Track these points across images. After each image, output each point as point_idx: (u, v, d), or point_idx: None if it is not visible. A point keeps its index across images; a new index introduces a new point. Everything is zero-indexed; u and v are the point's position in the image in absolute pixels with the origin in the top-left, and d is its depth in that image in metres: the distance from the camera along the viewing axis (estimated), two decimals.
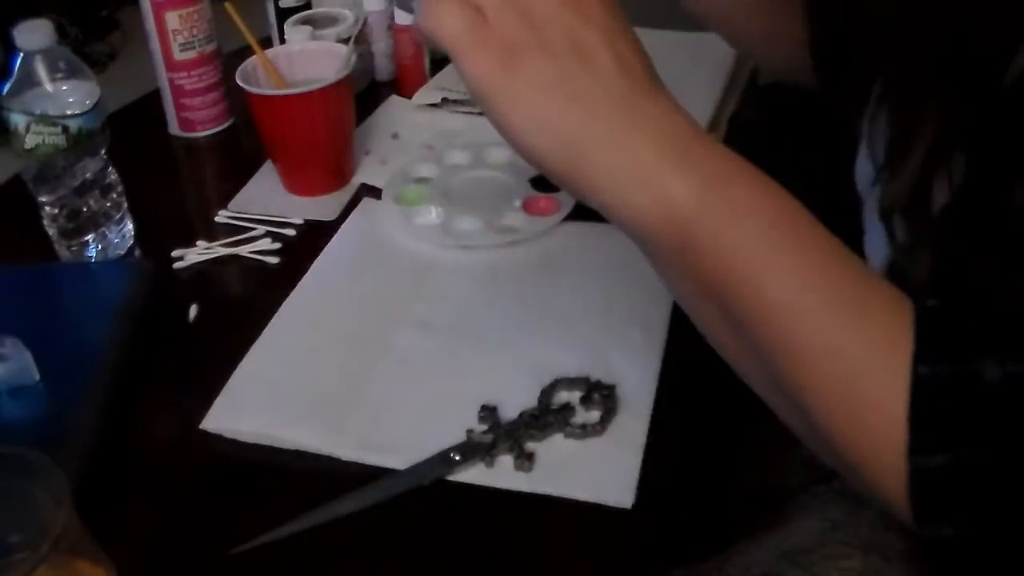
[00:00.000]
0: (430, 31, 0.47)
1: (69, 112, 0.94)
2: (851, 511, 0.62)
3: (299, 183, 0.92)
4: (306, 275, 0.81)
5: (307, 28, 1.01)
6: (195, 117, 1.03)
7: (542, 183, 0.87)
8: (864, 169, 0.61)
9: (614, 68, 0.46)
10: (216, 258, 0.85)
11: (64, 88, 0.95)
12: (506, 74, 0.46)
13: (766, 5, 0.76)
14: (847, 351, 0.43)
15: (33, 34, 0.92)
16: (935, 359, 0.42)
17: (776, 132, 0.95)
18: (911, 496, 0.42)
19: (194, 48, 1.00)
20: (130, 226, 0.86)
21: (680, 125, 0.47)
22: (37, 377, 0.68)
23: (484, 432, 0.65)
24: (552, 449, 0.64)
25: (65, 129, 0.93)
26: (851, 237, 0.61)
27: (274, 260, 0.84)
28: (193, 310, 0.79)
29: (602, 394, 0.67)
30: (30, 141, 0.93)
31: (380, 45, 1.10)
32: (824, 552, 0.61)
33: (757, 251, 0.45)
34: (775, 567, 0.61)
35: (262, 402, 0.69)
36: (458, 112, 1.03)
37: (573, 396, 0.68)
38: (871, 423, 0.43)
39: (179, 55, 1.00)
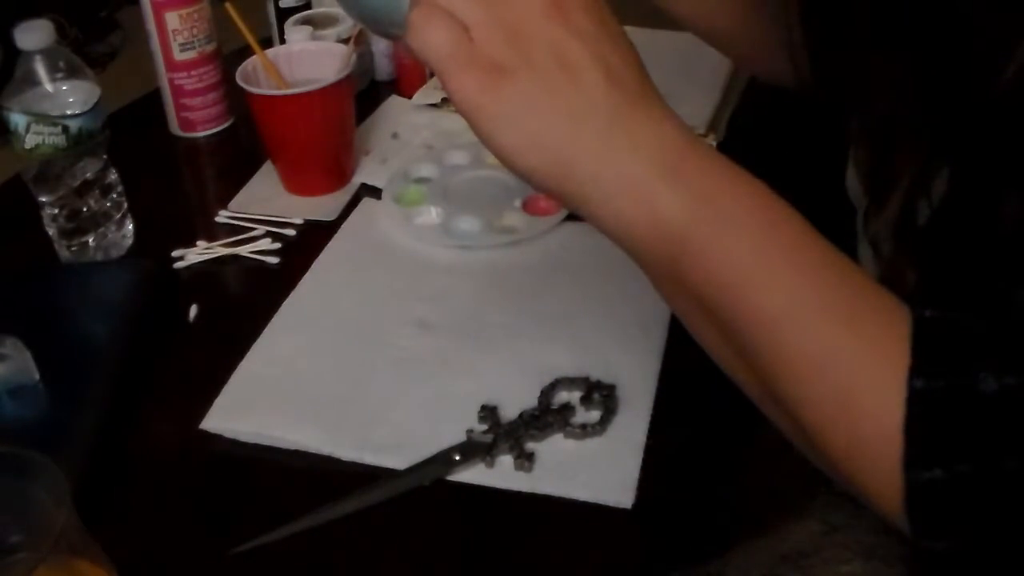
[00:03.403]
0: (417, 50, 0.46)
1: (69, 112, 0.94)
2: (851, 515, 0.62)
3: (299, 183, 0.92)
4: (306, 275, 0.81)
5: (307, 28, 1.01)
6: (195, 117, 1.03)
7: None
8: (854, 183, 0.61)
9: (602, 81, 0.45)
10: (216, 258, 0.85)
11: (64, 88, 0.95)
12: (492, 95, 0.45)
13: (750, 12, 0.76)
14: (840, 363, 0.43)
15: (33, 34, 0.92)
16: (931, 372, 0.41)
17: (775, 133, 0.95)
18: (908, 510, 0.42)
19: (194, 48, 1.00)
20: (130, 226, 0.86)
21: (672, 136, 0.46)
22: (37, 377, 0.68)
23: (484, 432, 0.65)
24: (552, 449, 0.64)
25: (65, 129, 0.94)
26: (849, 238, 0.61)
27: (274, 260, 0.84)
28: (193, 310, 0.79)
29: (602, 394, 0.67)
30: (30, 141, 0.93)
31: (380, 45, 1.10)
32: (824, 556, 0.61)
33: (748, 264, 0.45)
34: (774, 570, 0.61)
35: (262, 402, 0.69)
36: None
37: (573, 396, 0.68)
38: (866, 436, 0.42)
39: (179, 55, 1.00)
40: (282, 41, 1.05)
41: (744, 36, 0.78)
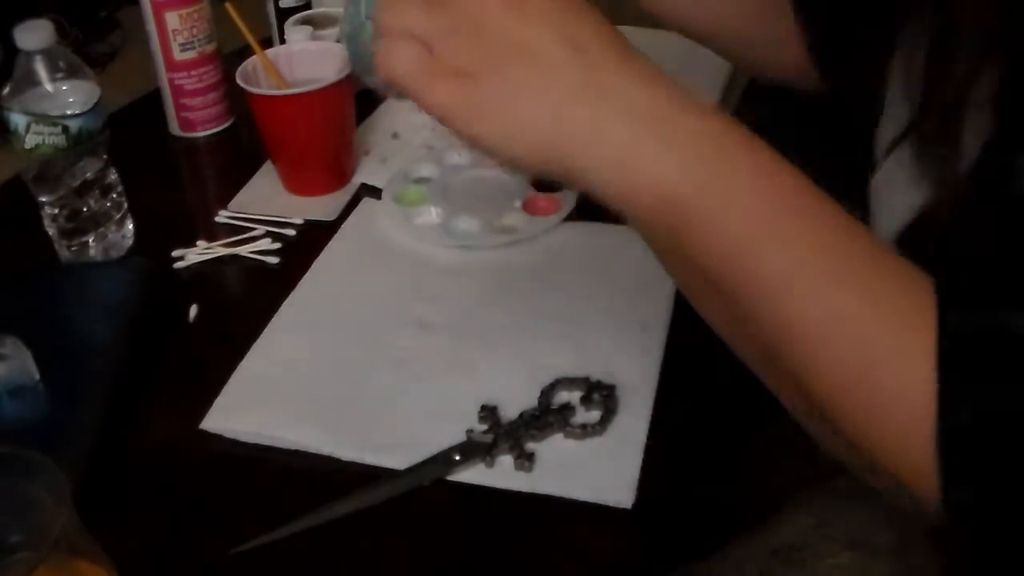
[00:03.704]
0: (385, 79, 0.46)
1: (69, 112, 0.94)
2: (840, 509, 0.62)
3: (299, 183, 0.92)
4: (306, 275, 0.81)
5: (307, 28, 1.01)
6: (195, 117, 1.03)
7: (542, 183, 0.87)
8: (884, 133, 0.59)
9: (572, 58, 0.45)
10: (216, 258, 0.85)
11: (64, 88, 0.95)
12: (463, 99, 0.45)
13: (748, 12, 0.75)
14: (858, 318, 0.41)
15: (33, 34, 0.92)
16: (963, 309, 0.40)
17: (775, 133, 0.95)
18: (939, 457, 0.40)
19: (194, 48, 1.00)
20: (130, 226, 0.86)
21: (656, 96, 0.45)
22: (37, 377, 0.68)
23: (484, 432, 0.65)
24: (552, 449, 0.64)
25: (65, 129, 0.94)
26: None
27: (274, 260, 0.84)
28: (193, 310, 0.79)
29: (602, 394, 0.67)
30: (30, 141, 0.93)
31: None
32: (814, 550, 0.61)
33: (751, 226, 0.43)
34: (767, 564, 0.62)
35: (262, 402, 0.69)
36: None
37: (573, 396, 0.68)
38: (884, 398, 0.41)
39: (179, 55, 1.00)
40: (282, 41, 1.05)
41: (752, 36, 0.77)
